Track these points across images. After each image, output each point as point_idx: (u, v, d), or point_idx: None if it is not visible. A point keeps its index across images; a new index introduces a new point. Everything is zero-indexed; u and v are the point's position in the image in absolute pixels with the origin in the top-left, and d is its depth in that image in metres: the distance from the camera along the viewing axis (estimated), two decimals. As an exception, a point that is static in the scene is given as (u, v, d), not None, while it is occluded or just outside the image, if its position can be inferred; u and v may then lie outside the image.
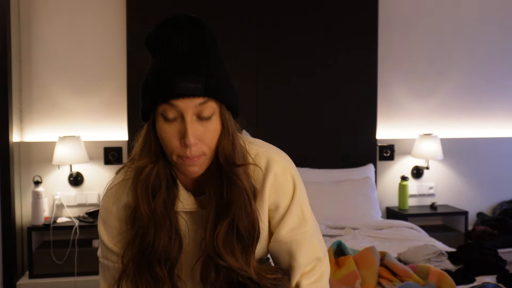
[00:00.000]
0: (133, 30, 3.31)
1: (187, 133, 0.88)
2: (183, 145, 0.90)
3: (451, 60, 3.85)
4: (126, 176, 1.01)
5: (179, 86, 0.86)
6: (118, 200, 1.01)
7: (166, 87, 0.87)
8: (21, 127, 3.30)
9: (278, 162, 1.05)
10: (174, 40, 0.89)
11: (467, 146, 3.87)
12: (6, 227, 3.06)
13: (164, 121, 0.90)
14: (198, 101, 0.88)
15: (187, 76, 0.87)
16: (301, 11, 3.51)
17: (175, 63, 0.88)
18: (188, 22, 0.92)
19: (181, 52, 0.89)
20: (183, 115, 0.89)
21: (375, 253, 2.19)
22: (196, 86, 0.87)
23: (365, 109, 3.62)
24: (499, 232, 3.46)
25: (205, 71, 0.89)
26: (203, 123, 0.90)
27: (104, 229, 1.03)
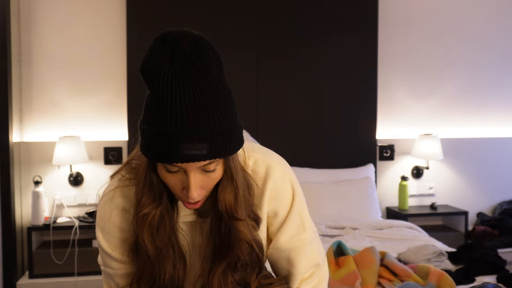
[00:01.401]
0: (133, 30, 3.31)
1: (190, 189, 0.86)
2: (185, 194, 0.88)
3: (451, 60, 3.85)
4: (121, 184, 1.00)
5: (183, 154, 0.81)
6: (115, 206, 1.00)
7: (168, 154, 0.82)
8: (21, 127, 3.30)
9: (277, 169, 1.04)
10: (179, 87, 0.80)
11: (467, 146, 3.87)
12: (6, 227, 3.06)
13: (166, 171, 0.87)
14: (203, 163, 0.85)
15: (191, 144, 0.81)
16: (301, 10, 3.51)
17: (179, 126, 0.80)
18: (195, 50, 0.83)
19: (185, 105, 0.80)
20: (186, 171, 0.86)
21: (375, 253, 2.19)
22: (201, 152, 0.82)
23: (365, 109, 3.62)
24: (499, 232, 3.46)
25: (210, 131, 0.82)
26: (206, 174, 0.88)
27: (103, 236, 1.02)
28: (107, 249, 1.02)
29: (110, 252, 1.01)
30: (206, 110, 0.81)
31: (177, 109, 0.80)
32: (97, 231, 1.03)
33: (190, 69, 0.81)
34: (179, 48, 0.82)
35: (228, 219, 0.94)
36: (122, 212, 0.99)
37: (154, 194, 0.92)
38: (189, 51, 0.82)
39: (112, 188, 1.01)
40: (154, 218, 0.93)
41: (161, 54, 0.82)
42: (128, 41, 3.32)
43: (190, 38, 0.84)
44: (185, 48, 0.82)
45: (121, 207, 0.99)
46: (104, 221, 1.01)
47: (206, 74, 0.82)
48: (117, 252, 1.01)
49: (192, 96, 0.80)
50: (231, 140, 0.86)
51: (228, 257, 0.96)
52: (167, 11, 3.34)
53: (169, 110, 0.80)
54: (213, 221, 0.97)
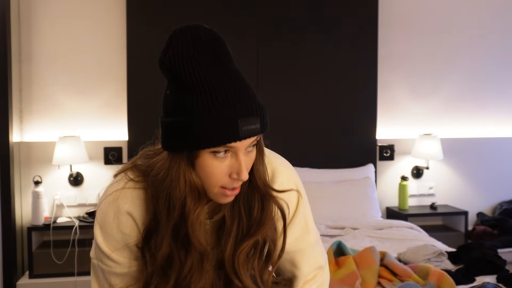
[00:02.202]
0: (133, 30, 3.31)
1: (241, 170, 0.86)
2: (234, 179, 0.88)
3: (451, 60, 3.85)
4: (127, 185, 0.97)
5: (242, 130, 0.83)
6: (118, 209, 0.97)
7: (227, 133, 0.82)
8: (21, 127, 3.30)
9: (283, 172, 1.05)
10: (217, 73, 0.84)
11: (467, 146, 3.87)
12: (6, 227, 3.06)
13: (213, 157, 0.86)
14: (254, 139, 0.87)
15: (248, 118, 0.84)
16: (301, 10, 3.51)
17: (232, 104, 0.82)
18: (215, 42, 0.87)
19: (230, 87, 0.84)
20: (237, 152, 0.86)
21: (375, 253, 2.19)
22: (256, 127, 0.85)
23: (365, 109, 3.62)
24: (499, 232, 3.46)
25: (258, 106, 0.86)
26: (248, 154, 0.89)
27: (102, 235, 1.00)
28: (104, 249, 1.00)
29: (108, 253, 1.00)
30: (247, 87, 0.86)
31: (224, 89, 0.83)
32: (96, 229, 1.01)
33: (217, 56, 0.85)
34: (199, 39, 0.86)
35: (264, 189, 0.95)
36: (125, 216, 0.97)
37: (198, 193, 0.90)
38: (209, 43, 0.86)
39: (118, 189, 0.98)
40: (202, 215, 0.93)
41: (186, 48, 0.85)
42: (128, 41, 3.32)
43: (206, 32, 0.88)
44: (205, 40, 0.86)
45: (124, 211, 0.96)
46: (105, 222, 0.99)
47: (230, 60, 0.87)
48: (117, 254, 1.00)
49: (231, 78, 0.84)
50: (267, 116, 0.90)
51: (258, 234, 0.95)
52: (167, 11, 3.33)
53: (217, 92, 0.82)
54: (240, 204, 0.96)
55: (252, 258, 0.97)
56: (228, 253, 0.96)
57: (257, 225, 0.95)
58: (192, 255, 0.92)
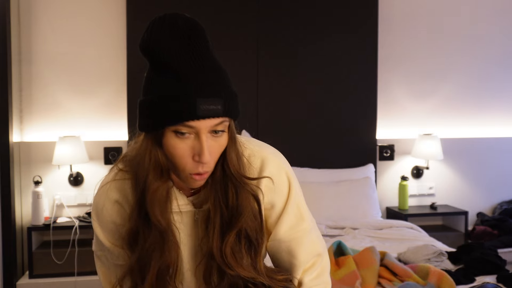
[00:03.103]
0: (133, 30, 3.31)
1: (203, 151, 0.87)
2: (196, 161, 0.89)
3: (451, 60, 3.85)
4: (117, 177, 1.01)
5: (200, 108, 0.85)
6: (108, 199, 1.01)
7: (185, 110, 0.85)
8: (21, 127, 3.30)
9: (273, 161, 1.05)
10: (186, 55, 0.87)
11: (467, 146, 3.87)
12: (6, 227, 3.06)
13: (175, 137, 0.88)
14: (216, 121, 0.88)
15: (208, 98, 0.85)
16: (301, 11, 3.51)
17: (194, 83, 0.86)
18: (190, 28, 0.90)
19: (196, 69, 0.87)
20: (199, 133, 0.87)
21: (375, 253, 2.19)
22: (216, 108, 0.86)
23: (365, 109, 3.62)
24: (499, 232, 3.46)
25: (223, 89, 0.88)
26: (214, 139, 0.90)
27: (99, 227, 1.03)
28: (104, 240, 1.03)
29: (108, 244, 1.03)
30: (216, 71, 0.88)
31: (190, 70, 0.86)
32: (93, 221, 1.04)
33: (191, 41, 0.88)
34: (175, 25, 0.90)
35: (235, 177, 0.95)
36: (115, 205, 1.00)
37: (161, 171, 0.92)
38: (186, 29, 0.89)
39: (108, 181, 1.02)
40: (163, 193, 0.94)
41: (161, 32, 0.89)
42: (128, 41, 3.32)
43: (183, 18, 0.92)
44: (183, 27, 0.90)
45: (114, 200, 1.00)
46: (98, 213, 1.02)
47: (205, 47, 0.90)
48: (113, 245, 1.02)
49: (201, 62, 0.87)
50: (238, 103, 0.92)
51: (238, 224, 0.96)
52: (167, 11, 3.33)
53: (182, 72, 0.85)
54: (218, 193, 0.97)
55: (238, 248, 0.98)
56: (215, 246, 0.97)
57: (235, 215, 0.96)
58: (153, 232, 0.94)
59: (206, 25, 0.92)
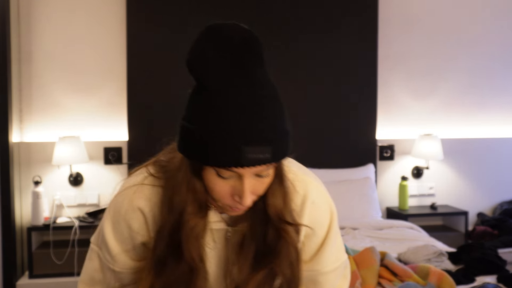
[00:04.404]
0: (133, 30, 3.31)
1: (244, 195, 0.80)
2: (235, 200, 0.83)
3: (451, 60, 3.85)
4: (146, 181, 0.93)
5: (246, 157, 0.75)
6: (132, 204, 0.93)
7: (229, 157, 0.76)
8: (21, 127, 3.30)
9: (317, 189, 1.00)
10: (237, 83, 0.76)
11: (467, 146, 3.87)
12: (6, 227, 3.06)
13: (216, 176, 0.81)
14: (262, 167, 0.79)
15: (256, 147, 0.76)
16: (300, 10, 3.51)
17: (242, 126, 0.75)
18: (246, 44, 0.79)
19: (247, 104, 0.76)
20: (242, 177, 0.80)
21: (375, 253, 2.19)
22: (265, 156, 0.77)
23: (365, 109, 3.62)
24: (499, 232, 3.46)
25: (275, 132, 0.78)
26: (259, 179, 0.83)
27: (111, 228, 0.96)
28: (110, 241, 0.96)
29: (112, 247, 0.96)
30: (269, 111, 0.78)
31: (241, 111, 0.75)
32: (106, 219, 0.97)
33: (243, 62, 0.78)
34: (228, 40, 0.78)
35: (278, 223, 0.89)
36: (137, 211, 0.93)
37: (199, 203, 0.86)
38: (241, 45, 0.79)
39: (136, 183, 0.94)
40: (201, 229, 0.89)
41: (209, 46, 0.78)
42: (128, 41, 3.32)
43: (240, 31, 0.80)
44: (237, 41, 0.78)
45: (137, 206, 0.93)
46: (116, 214, 0.95)
47: (260, 71, 0.80)
48: (119, 250, 0.96)
49: (252, 94, 0.77)
50: (289, 142, 0.83)
51: (272, 264, 0.90)
52: (167, 10, 3.33)
53: (231, 111, 0.75)
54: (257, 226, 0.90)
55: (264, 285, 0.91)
56: (242, 278, 0.91)
57: (271, 256, 0.90)
58: (182, 267, 0.88)
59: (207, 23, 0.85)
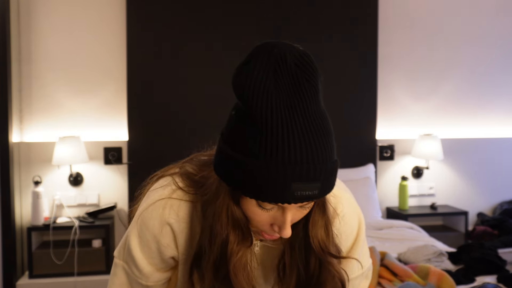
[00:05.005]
0: (133, 30, 3.31)
1: (285, 228, 0.77)
2: (273, 230, 0.80)
3: (451, 60, 3.85)
4: (175, 195, 0.90)
5: (294, 195, 0.72)
6: (161, 218, 0.90)
7: (276, 193, 0.72)
8: (21, 127, 3.30)
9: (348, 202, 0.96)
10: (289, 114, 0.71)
11: (467, 146, 3.87)
12: (6, 227, 3.06)
13: (257, 206, 0.77)
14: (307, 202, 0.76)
15: (305, 183, 0.72)
16: (301, 10, 3.51)
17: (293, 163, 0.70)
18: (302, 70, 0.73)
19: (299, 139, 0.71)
20: (284, 209, 0.77)
21: (375, 253, 2.19)
22: (312, 192, 0.73)
23: (365, 109, 3.62)
24: (499, 232, 3.46)
25: (325, 167, 0.73)
26: (299, 210, 0.79)
27: (139, 243, 0.93)
28: (137, 255, 0.93)
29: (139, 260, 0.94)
30: (319, 144, 0.72)
31: (290, 143, 0.70)
32: (132, 233, 0.93)
33: (298, 92, 0.72)
34: (284, 64, 0.73)
35: (322, 254, 0.85)
36: (166, 226, 0.90)
37: (242, 231, 0.82)
38: (295, 69, 0.73)
39: (164, 197, 0.90)
40: (248, 258, 0.86)
41: (263, 71, 0.73)
42: (128, 41, 3.32)
43: (295, 53, 0.74)
44: (291, 65, 0.73)
45: (166, 221, 0.90)
46: (145, 229, 0.91)
47: (313, 99, 0.74)
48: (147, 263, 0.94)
49: (304, 128, 0.71)
50: (336, 174, 0.78)
51: None
52: (167, 11, 3.33)
53: (280, 142, 0.70)
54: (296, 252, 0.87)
55: None
56: None
57: (315, 285, 0.86)
58: None
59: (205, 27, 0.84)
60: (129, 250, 0.94)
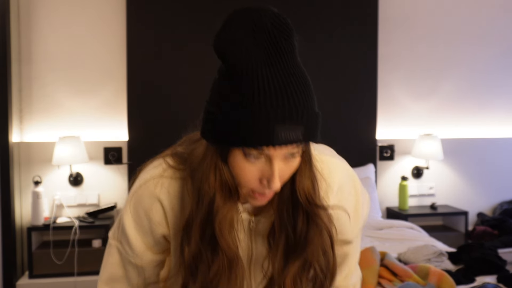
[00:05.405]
0: (133, 30, 3.31)
1: (273, 178, 0.78)
2: (263, 185, 0.81)
3: (451, 60, 3.85)
4: (165, 174, 0.92)
5: (278, 136, 0.74)
6: (152, 194, 0.92)
7: (260, 135, 0.74)
8: (21, 127, 3.30)
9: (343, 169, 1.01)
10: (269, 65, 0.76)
11: (467, 146, 3.87)
12: (6, 227, 3.06)
13: (244, 158, 0.79)
14: (293, 148, 0.79)
15: (287, 125, 0.75)
16: (301, 10, 3.51)
17: (274, 105, 0.74)
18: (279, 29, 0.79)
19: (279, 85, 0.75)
20: (271, 159, 0.78)
21: (375, 253, 2.19)
22: (296, 134, 0.76)
23: (365, 109, 3.62)
24: (499, 232, 3.46)
25: (306, 112, 0.77)
26: (286, 162, 0.81)
27: (133, 221, 0.95)
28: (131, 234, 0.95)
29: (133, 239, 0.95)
30: (300, 91, 0.77)
31: (272, 89, 0.74)
32: (126, 215, 0.95)
33: (277, 48, 0.77)
34: (260, 24, 0.77)
35: (308, 207, 0.86)
36: (157, 203, 0.92)
37: (229, 189, 0.84)
38: (272, 29, 0.78)
39: (155, 176, 0.92)
40: (233, 216, 0.86)
41: (240, 31, 0.77)
42: (128, 41, 3.32)
43: (271, 15, 0.79)
44: (268, 25, 0.78)
45: (157, 198, 0.92)
46: (138, 209, 0.94)
47: (291, 55, 0.79)
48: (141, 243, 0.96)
49: (285, 77, 0.76)
50: (319, 124, 0.83)
51: (305, 254, 0.87)
52: (167, 11, 3.33)
53: (262, 90, 0.74)
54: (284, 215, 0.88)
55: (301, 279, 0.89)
56: (277, 272, 0.89)
57: (303, 245, 0.87)
58: (220, 258, 0.86)
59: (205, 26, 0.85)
60: (123, 229, 0.96)
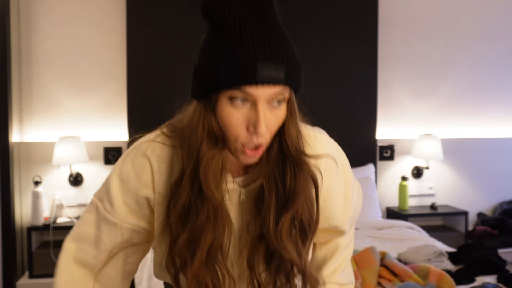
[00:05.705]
0: (133, 29, 3.31)
1: (259, 122, 0.81)
2: (250, 133, 0.83)
3: (451, 60, 3.85)
4: (158, 139, 0.96)
5: (260, 74, 0.78)
6: (143, 154, 0.95)
7: (244, 73, 0.79)
8: (21, 127, 3.30)
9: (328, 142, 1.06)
10: (251, 18, 0.82)
11: (467, 146, 3.87)
12: (6, 227, 3.06)
13: (230, 105, 0.82)
14: (275, 89, 0.82)
15: (269, 63, 0.79)
16: (301, 10, 3.51)
17: (256, 46, 0.79)
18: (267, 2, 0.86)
19: (260, 32, 0.81)
20: (256, 102, 0.81)
21: (375, 253, 2.19)
22: (278, 74, 0.80)
23: (365, 109, 3.62)
24: (499, 232, 3.46)
25: (287, 55, 0.82)
26: (272, 110, 0.84)
27: (119, 179, 0.97)
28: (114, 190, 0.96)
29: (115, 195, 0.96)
30: (282, 40, 0.83)
31: (254, 36, 0.80)
32: (114, 173, 0.97)
33: (258, 7, 0.84)
34: None
35: (295, 154, 0.89)
36: (147, 163, 0.95)
37: (215, 139, 0.86)
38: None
39: (147, 140, 0.97)
40: (218, 163, 0.88)
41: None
42: (128, 41, 3.32)
43: None
44: None
45: (147, 158, 0.95)
46: (127, 168, 0.96)
47: (272, 13, 0.86)
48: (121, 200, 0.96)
49: (267, 28, 0.82)
50: (302, 73, 0.87)
51: (295, 206, 0.89)
52: (167, 11, 3.33)
53: (244, 34, 0.80)
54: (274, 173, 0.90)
55: (293, 232, 0.91)
56: (271, 227, 0.90)
57: (292, 197, 0.89)
58: (205, 206, 0.88)
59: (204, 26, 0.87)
60: (107, 186, 0.98)
